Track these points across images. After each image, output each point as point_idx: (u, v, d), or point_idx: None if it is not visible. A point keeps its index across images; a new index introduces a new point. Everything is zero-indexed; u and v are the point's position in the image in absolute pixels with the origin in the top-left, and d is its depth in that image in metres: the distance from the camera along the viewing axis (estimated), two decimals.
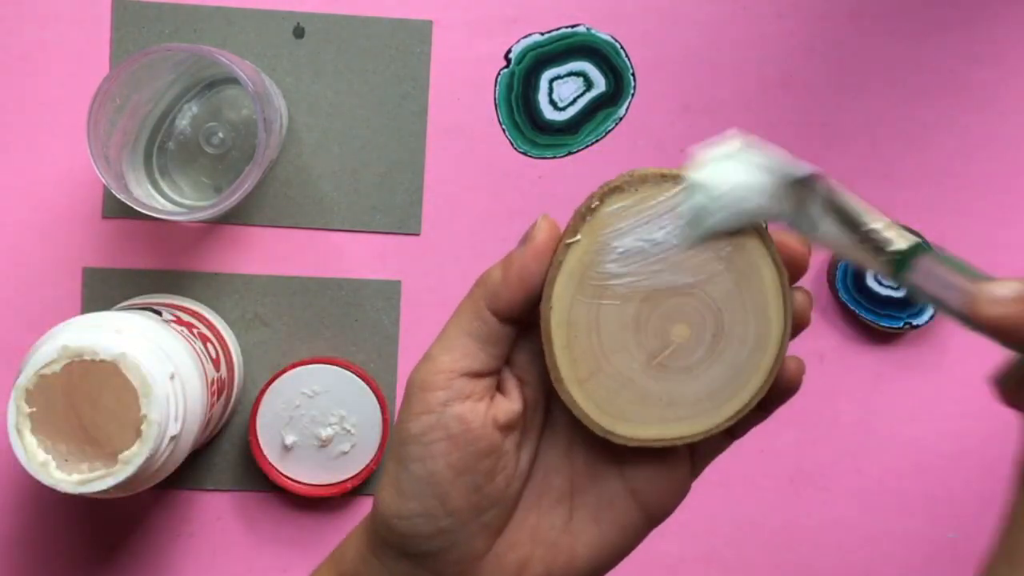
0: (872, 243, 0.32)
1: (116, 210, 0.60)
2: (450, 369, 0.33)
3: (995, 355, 0.64)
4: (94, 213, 0.60)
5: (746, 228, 0.34)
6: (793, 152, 0.62)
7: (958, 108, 0.62)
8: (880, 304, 0.61)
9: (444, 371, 0.33)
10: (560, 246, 0.34)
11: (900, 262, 0.32)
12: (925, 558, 0.62)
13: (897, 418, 0.62)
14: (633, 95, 0.61)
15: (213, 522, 0.60)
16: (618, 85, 0.61)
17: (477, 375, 0.34)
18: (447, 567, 0.34)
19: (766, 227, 0.34)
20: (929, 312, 0.61)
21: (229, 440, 0.60)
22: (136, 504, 0.60)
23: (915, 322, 0.61)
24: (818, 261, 0.62)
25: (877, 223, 0.33)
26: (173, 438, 0.47)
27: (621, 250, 0.34)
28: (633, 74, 0.61)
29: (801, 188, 0.33)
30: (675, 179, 0.34)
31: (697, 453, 0.37)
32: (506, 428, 0.34)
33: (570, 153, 0.61)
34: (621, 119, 0.61)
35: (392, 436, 0.34)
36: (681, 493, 0.37)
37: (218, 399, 0.54)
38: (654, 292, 0.34)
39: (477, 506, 0.33)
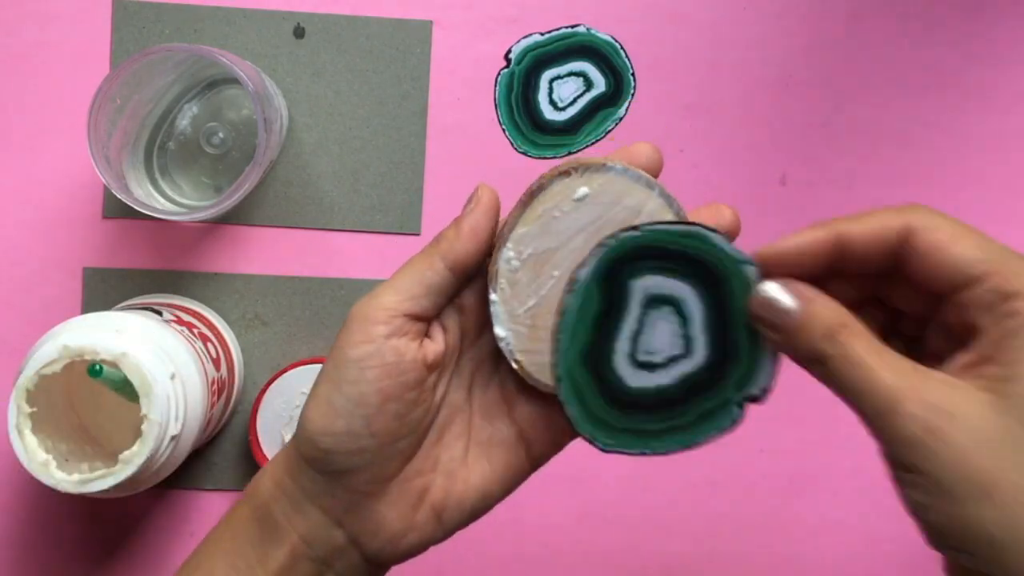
0: None
1: (116, 210, 0.60)
2: (394, 308, 0.37)
3: None
4: (94, 213, 0.60)
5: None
6: (793, 152, 0.62)
7: (958, 108, 0.62)
8: None
9: (389, 308, 0.37)
10: (509, 218, 0.38)
11: None
12: (925, 558, 0.62)
13: None
14: (633, 95, 0.61)
15: (213, 522, 0.60)
16: (618, 85, 0.61)
17: (416, 318, 0.37)
18: (360, 484, 0.37)
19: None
20: None
21: (229, 440, 0.60)
22: (136, 504, 0.60)
23: None
24: None
25: None
26: (173, 438, 0.47)
27: (558, 226, 0.38)
28: (633, 74, 0.61)
29: None
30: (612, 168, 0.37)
31: None
32: (431, 366, 0.38)
33: (570, 153, 0.61)
34: (621, 119, 0.61)
35: (329, 361, 0.37)
36: (561, 443, 0.40)
37: (218, 399, 0.54)
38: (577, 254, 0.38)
39: (396, 432, 0.37)
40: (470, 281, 0.39)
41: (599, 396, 0.37)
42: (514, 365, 0.38)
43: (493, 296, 0.38)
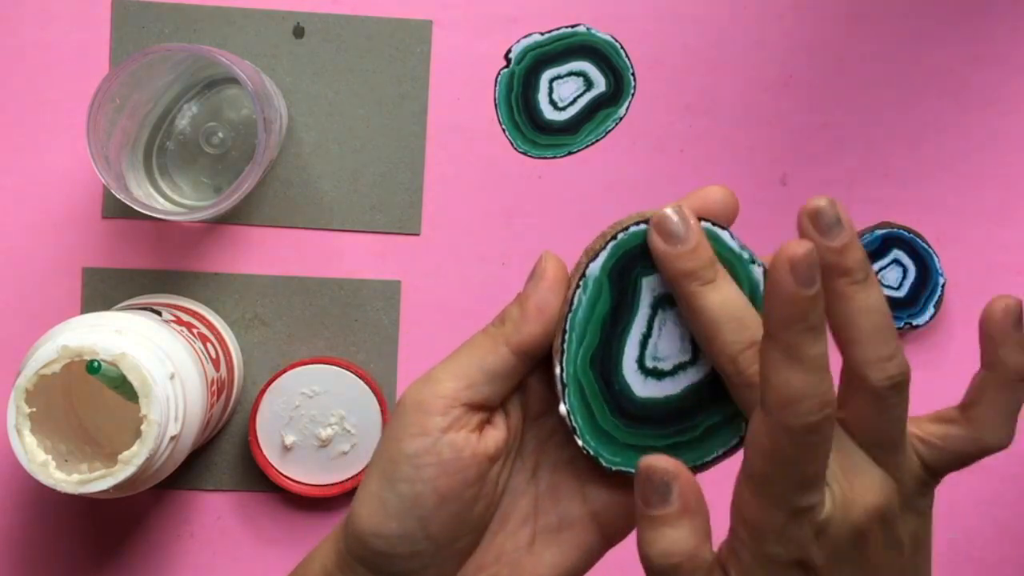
0: None
1: (116, 210, 0.60)
2: (453, 396, 0.33)
3: None
4: (94, 213, 0.60)
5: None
6: (793, 152, 0.62)
7: (958, 108, 0.62)
8: None
9: (447, 397, 0.33)
10: (572, 283, 0.34)
11: None
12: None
13: None
14: (633, 95, 0.61)
15: (213, 522, 0.60)
16: (618, 85, 0.61)
17: (476, 407, 0.34)
18: None
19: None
20: (929, 312, 0.60)
21: (229, 440, 0.60)
22: (136, 504, 0.60)
23: (915, 322, 0.61)
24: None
25: None
26: (173, 438, 0.47)
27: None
28: (633, 74, 0.61)
29: None
30: None
31: None
32: (494, 458, 0.34)
33: (570, 153, 0.61)
34: (621, 119, 0.61)
35: (380, 451, 0.34)
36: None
37: (218, 399, 0.54)
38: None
39: (455, 533, 0.34)
40: (539, 363, 0.35)
41: (605, 405, 0.34)
42: (580, 443, 0.34)
43: (559, 372, 0.34)
